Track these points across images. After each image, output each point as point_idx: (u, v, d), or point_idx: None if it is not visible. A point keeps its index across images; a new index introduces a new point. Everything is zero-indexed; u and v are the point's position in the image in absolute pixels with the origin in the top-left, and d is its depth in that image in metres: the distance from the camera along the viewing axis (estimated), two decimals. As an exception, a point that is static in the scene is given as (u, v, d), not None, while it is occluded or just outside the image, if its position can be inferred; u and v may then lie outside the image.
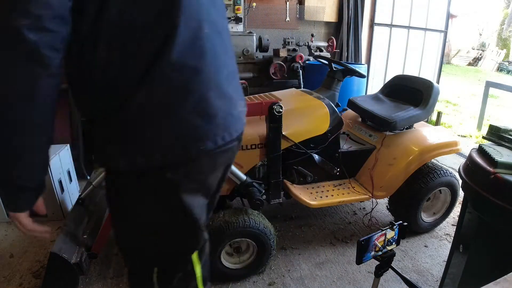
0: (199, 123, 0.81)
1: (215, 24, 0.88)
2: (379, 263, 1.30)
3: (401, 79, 2.58)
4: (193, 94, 0.80)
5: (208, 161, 0.88)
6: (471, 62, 15.77)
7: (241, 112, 0.94)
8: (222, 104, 0.86)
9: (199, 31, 0.81)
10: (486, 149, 1.28)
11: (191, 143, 0.82)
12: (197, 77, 0.81)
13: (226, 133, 0.87)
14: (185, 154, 0.82)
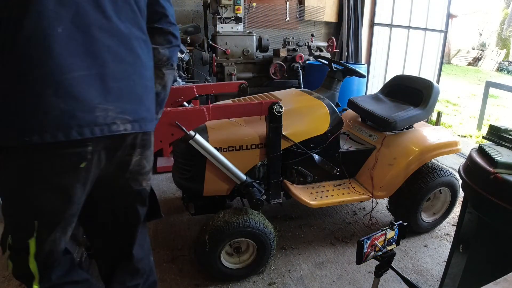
0: (27, 116, 0.86)
1: (91, 28, 0.92)
2: (379, 263, 1.30)
3: (401, 79, 2.58)
4: (29, 87, 0.85)
5: (44, 156, 0.91)
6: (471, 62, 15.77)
7: (99, 117, 0.93)
8: (60, 103, 0.87)
9: (50, 29, 0.84)
10: (486, 149, 1.28)
11: (15, 132, 0.87)
12: (36, 71, 0.85)
13: (61, 133, 0.88)
14: (11, 141, 0.88)
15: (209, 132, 1.87)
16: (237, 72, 3.91)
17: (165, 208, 2.72)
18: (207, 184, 1.88)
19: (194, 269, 2.00)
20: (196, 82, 3.37)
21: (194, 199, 2.08)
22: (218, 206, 2.08)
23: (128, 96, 1.01)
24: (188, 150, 1.77)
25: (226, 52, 3.89)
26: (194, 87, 2.21)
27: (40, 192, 0.95)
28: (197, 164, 1.85)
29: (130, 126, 1.00)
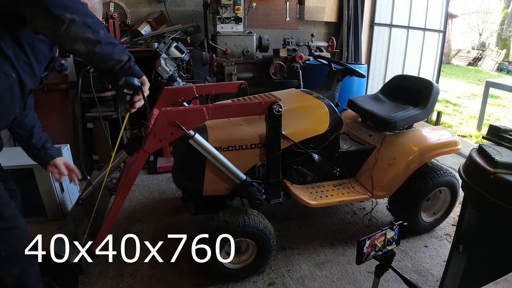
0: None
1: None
2: (379, 263, 1.30)
3: (401, 79, 2.58)
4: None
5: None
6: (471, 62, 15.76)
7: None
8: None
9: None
10: (486, 149, 1.28)
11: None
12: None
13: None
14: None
15: (209, 131, 1.87)
16: (237, 72, 3.90)
17: (165, 208, 2.72)
18: (206, 184, 1.88)
19: (194, 269, 2.00)
20: (196, 82, 3.37)
21: (194, 199, 2.08)
22: (218, 206, 2.07)
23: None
24: (188, 150, 1.77)
25: (226, 52, 3.89)
26: (194, 87, 2.21)
27: None
28: (196, 164, 1.85)
29: None
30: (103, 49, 1.13)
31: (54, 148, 1.64)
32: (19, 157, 2.40)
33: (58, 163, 1.64)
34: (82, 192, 2.06)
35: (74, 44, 1.07)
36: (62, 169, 1.65)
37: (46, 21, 1.01)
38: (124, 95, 1.22)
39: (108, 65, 1.17)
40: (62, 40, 1.07)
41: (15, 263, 1.29)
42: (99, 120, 2.99)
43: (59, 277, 1.59)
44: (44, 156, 1.59)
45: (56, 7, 0.99)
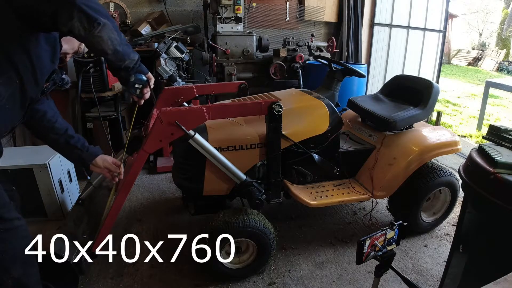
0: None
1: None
2: (379, 263, 1.30)
3: (401, 79, 2.58)
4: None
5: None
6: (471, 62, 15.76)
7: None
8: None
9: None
10: (486, 149, 1.28)
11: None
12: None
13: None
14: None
15: (209, 131, 1.87)
16: (237, 72, 3.91)
17: (165, 208, 2.72)
18: (207, 184, 1.88)
19: (194, 269, 2.00)
20: (196, 82, 3.37)
21: (194, 199, 2.08)
22: (218, 206, 2.07)
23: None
24: (188, 150, 1.77)
25: (226, 52, 3.89)
26: (194, 87, 2.21)
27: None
28: (196, 164, 1.85)
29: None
30: (124, 49, 1.27)
31: (94, 148, 1.63)
32: (19, 157, 2.40)
33: (106, 163, 1.63)
34: (82, 192, 2.06)
35: (103, 44, 1.20)
36: (113, 168, 1.64)
37: (83, 23, 1.12)
38: (135, 89, 1.39)
39: (125, 63, 1.30)
40: (94, 39, 1.18)
41: (16, 264, 1.29)
42: (99, 120, 3.00)
43: (59, 277, 1.59)
44: (86, 156, 1.59)
45: (93, 11, 1.13)
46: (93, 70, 2.85)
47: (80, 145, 1.58)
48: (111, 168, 1.64)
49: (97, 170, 1.64)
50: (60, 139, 1.54)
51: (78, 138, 1.59)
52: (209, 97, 3.44)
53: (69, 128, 1.57)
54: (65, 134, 1.55)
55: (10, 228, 1.26)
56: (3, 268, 1.26)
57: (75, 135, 1.58)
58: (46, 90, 1.42)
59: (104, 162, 1.63)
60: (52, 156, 2.42)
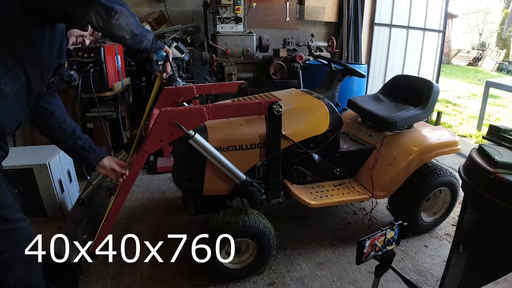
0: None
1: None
2: (379, 263, 1.30)
3: (401, 79, 2.58)
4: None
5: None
6: (471, 62, 15.76)
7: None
8: None
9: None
10: (486, 149, 1.28)
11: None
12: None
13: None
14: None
15: (209, 131, 1.87)
16: (237, 72, 3.91)
17: (165, 208, 2.72)
18: (207, 184, 1.88)
19: (194, 269, 2.00)
20: (196, 82, 3.37)
21: (194, 199, 2.08)
22: (218, 206, 2.07)
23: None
24: (188, 150, 1.77)
25: (226, 52, 3.89)
26: (194, 87, 2.21)
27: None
28: (196, 164, 1.85)
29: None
30: (140, 31, 1.30)
31: (101, 149, 1.63)
32: (19, 157, 2.40)
33: (112, 165, 1.62)
34: (82, 192, 2.06)
35: (122, 31, 1.22)
36: (118, 169, 1.63)
37: (101, 13, 1.14)
38: (158, 66, 1.44)
39: (143, 45, 1.34)
40: (113, 28, 1.20)
41: (19, 265, 1.29)
42: (99, 120, 3.00)
43: (59, 277, 1.59)
44: (92, 158, 1.58)
45: (108, 1, 1.14)
46: (93, 70, 2.85)
47: (87, 146, 1.57)
48: (117, 169, 1.63)
49: (103, 171, 1.63)
50: (67, 140, 1.53)
51: (86, 140, 1.58)
52: (209, 97, 3.44)
53: (76, 129, 1.56)
54: (72, 135, 1.53)
55: (14, 229, 1.26)
56: (6, 268, 1.26)
57: (82, 136, 1.57)
58: (52, 85, 1.41)
59: (110, 163, 1.62)
60: (52, 156, 2.42)
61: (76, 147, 1.55)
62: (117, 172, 1.62)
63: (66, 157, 2.64)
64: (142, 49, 1.35)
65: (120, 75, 3.18)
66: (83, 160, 1.60)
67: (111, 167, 1.62)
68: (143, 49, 1.35)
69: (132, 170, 1.63)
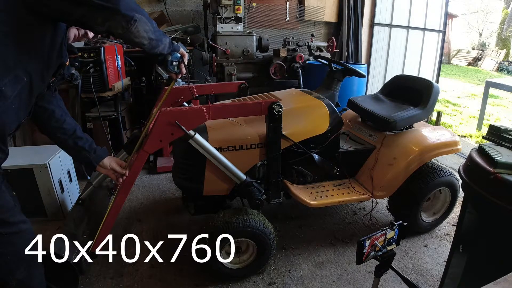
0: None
1: None
2: (379, 263, 1.30)
3: (401, 79, 2.58)
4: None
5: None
6: (471, 62, 15.77)
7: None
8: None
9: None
10: (486, 149, 1.28)
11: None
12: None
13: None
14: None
15: (209, 131, 1.87)
16: (237, 72, 3.91)
17: (165, 208, 2.72)
18: (207, 184, 1.88)
19: (194, 269, 2.00)
20: (196, 82, 3.37)
21: (194, 199, 2.08)
22: (218, 206, 2.07)
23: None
24: (188, 150, 1.77)
25: (226, 52, 3.89)
26: (194, 87, 2.21)
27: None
28: (197, 164, 1.85)
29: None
30: (157, 36, 1.32)
31: (101, 149, 1.63)
32: (19, 157, 2.40)
33: (112, 164, 1.62)
34: (82, 192, 2.06)
35: (140, 37, 1.25)
36: (118, 169, 1.63)
37: (120, 22, 1.16)
38: (173, 67, 1.47)
39: (159, 49, 1.36)
40: (132, 35, 1.22)
41: (20, 267, 1.29)
42: (99, 120, 3.00)
43: (59, 277, 1.59)
44: (93, 158, 1.58)
45: (128, 10, 1.16)
46: (93, 70, 2.85)
47: (87, 146, 1.57)
48: (117, 169, 1.63)
49: (103, 171, 1.63)
50: (68, 140, 1.53)
51: (86, 140, 1.58)
52: (209, 97, 3.44)
53: (77, 129, 1.56)
54: (73, 135, 1.53)
55: (15, 232, 1.25)
56: (8, 271, 1.26)
57: (83, 136, 1.57)
58: (53, 84, 1.41)
59: (111, 163, 1.62)
60: (52, 156, 2.42)
61: (77, 147, 1.55)
62: (118, 172, 1.62)
63: (66, 157, 2.64)
64: (159, 53, 1.38)
65: (120, 75, 3.18)
66: (83, 160, 1.60)
67: (111, 167, 1.62)
68: (159, 53, 1.38)
69: (132, 170, 1.63)
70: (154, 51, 1.35)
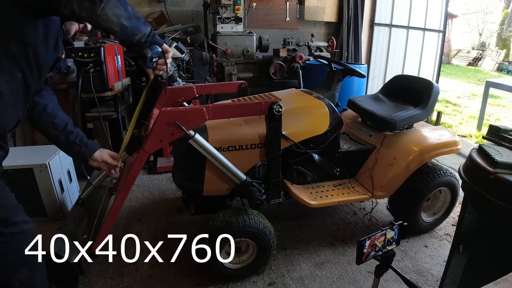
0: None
1: None
2: (379, 263, 1.30)
3: (401, 79, 2.58)
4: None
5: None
6: (471, 62, 15.77)
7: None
8: None
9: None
10: (486, 149, 1.28)
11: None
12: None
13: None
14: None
15: (209, 131, 1.87)
16: (237, 72, 3.91)
17: (165, 208, 2.72)
18: (207, 184, 1.88)
19: (194, 269, 2.00)
20: (196, 82, 3.37)
21: (194, 199, 2.08)
22: (218, 206, 2.07)
23: None
24: (188, 150, 1.77)
25: (226, 52, 3.89)
26: (194, 87, 2.21)
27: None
28: (197, 164, 1.85)
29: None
30: (133, 23, 1.21)
31: (92, 142, 1.62)
32: (19, 157, 2.40)
33: (104, 157, 1.62)
34: (82, 192, 2.06)
35: (109, 22, 1.14)
36: (110, 160, 1.62)
37: (83, 3, 1.06)
38: (152, 63, 1.37)
39: (136, 38, 1.26)
40: (99, 19, 1.12)
41: (23, 267, 1.28)
42: (99, 120, 3.00)
43: (59, 277, 1.59)
44: (84, 151, 1.58)
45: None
46: (93, 70, 2.85)
47: (78, 140, 1.56)
48: (109, 161, 1.63)
49: (95, 164, 1.63)
50: (60, 135, 1.52)
51: (77, 134, 1.57)
52: (209, 97, 3.44)
53: (68, 123, 1.54)
54: (64, 130, 1.52)
55: (18, 232, 1.24)
56: (10, 271, 1.25)
57: (74, 130, 1.56)
58: (50, 79, 1.39)
59: (102, 155, 1.61)
60: (52, 156, 2.42)
61: (68, 141, 1.54)
62: (109, 164, 1.62)
63: (66, 157, 2.64)
64: (134, 43, 1.28)
65: (120, 75, 3.18)
66: (75, 154, 1.59)
67: (102, 160, 1.61)
68: (136, 43, 1.28)
69: (132, 170, 1.63)
70: (129, 39, 1.25)
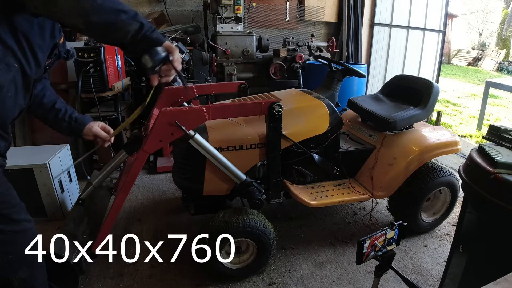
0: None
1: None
2: (379, 263, 1.30)
3: (401, 79, 2.58)
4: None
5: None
6: (471, 62, 15.77)
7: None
8: None
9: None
10: (486, 149, 1.28)
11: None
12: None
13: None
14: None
15: (209, 131, 1.87)
16: (237, 72, 3.91)
17: (165, 208, 2.72)
18: (207, 184, 1.88)
19: (194, 269, 2.00)
20: (196, 82, 3.37)
21: (194, 199, 2.08)
22: (218, 206, 2.07)
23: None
24: (188, 150, 1.77)
25: (226, 52, 3.89)
26: (194, 87, 2.21)
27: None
28: (196, 164, 1.85)
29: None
30: (103, 18, 1.01)
31: (82, 116, 1.60)
32: (19, 157, 2.40)
33: (94, 129, 1.60)
34: (82, 192, 2.06)
35: (69, 17, 0.98)
36: (102, 134, 1.60)
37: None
38: (155, 71, 1.11)
39: (115, 38, 1.08)
40: (57, 15, 1.00)
41: (23, 266, 1.27)
42: (99, 120, 2.99)
43: (59, 277, 1.59)
44: (75, 127, 1.56)
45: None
46: (93, 70, 2.85)
47: (67, 117, 1.54)
48: (100, 135, 1.61)
49: (89, 138, 1.61)
50: (48, 114, 1.50)
51: (66, 110, 1.54)
52: (209, 97, 3.44)
53: (57, 101, 1.52)
54: (52, 109, 1.50)
55: (19, 230, 1.23)
56: (10, 270, 1.25)
57: (62, 108, 1.53)
58: (49, 67, 1.35)
59: (93, 128, 1.59)
60: (52, 156, 2.42)
61: (57, 119, 1.52)
62: (101, 137, 1.60)
63: (66, 157, 2.65)
64: (117, 44, 1.12)
65: (120, 75, 3.18)
66: (67, 131, 1.58)
67: (93, 133, 1.59)
68: (118, 44, 1.11)
69: (132, 170, 1.63)
70: (106, 40, 1.07)
